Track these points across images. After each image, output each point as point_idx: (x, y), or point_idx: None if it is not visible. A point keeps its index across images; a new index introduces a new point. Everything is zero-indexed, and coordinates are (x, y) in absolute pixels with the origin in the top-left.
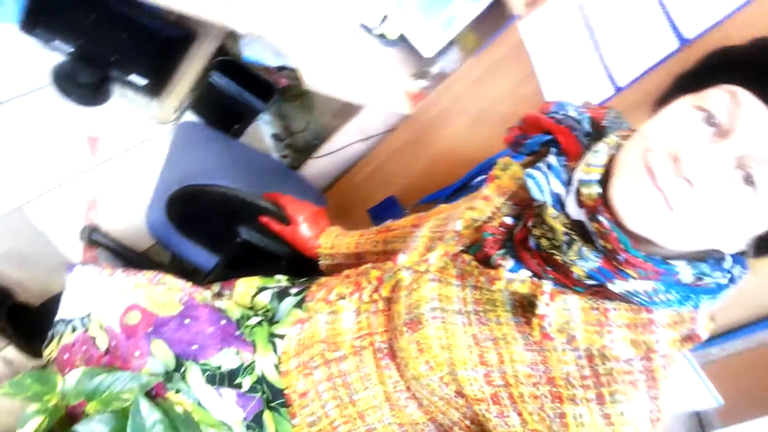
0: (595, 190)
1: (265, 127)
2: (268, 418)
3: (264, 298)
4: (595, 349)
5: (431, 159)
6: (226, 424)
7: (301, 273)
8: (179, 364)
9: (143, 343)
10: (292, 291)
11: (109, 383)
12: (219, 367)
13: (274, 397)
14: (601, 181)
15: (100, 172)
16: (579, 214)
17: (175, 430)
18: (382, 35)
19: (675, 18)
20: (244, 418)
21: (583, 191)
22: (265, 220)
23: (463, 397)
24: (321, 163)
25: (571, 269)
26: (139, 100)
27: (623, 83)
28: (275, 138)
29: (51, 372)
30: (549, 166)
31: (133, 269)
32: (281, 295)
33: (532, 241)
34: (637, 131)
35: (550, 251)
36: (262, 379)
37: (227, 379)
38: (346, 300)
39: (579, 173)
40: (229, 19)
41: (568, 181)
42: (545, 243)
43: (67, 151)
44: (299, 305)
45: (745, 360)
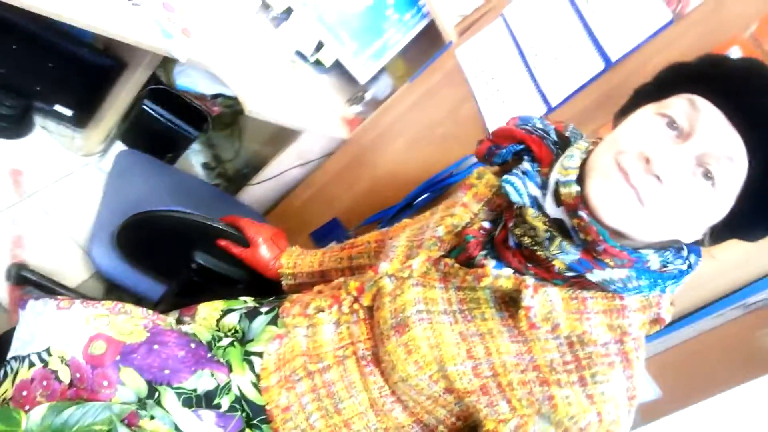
0: (574, 189)
1: (195, 156)
2: None
3: (232, 320)
4: (575, 336)
5: (372, 181)
6: None
7: (260, 295)
8: (152, 390)
9: (111, 372)
10: (263, 310)
11: (80, 416)
12: (195, 390)
13: (254, 414)
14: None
15: (25, 207)
16: (557, 212)
17: None
18: (318, 62)
19: (601, 41)
20: None
21: (563, 191)
22: (223, 243)
23: (451, 393)
24: (259, 190)
25: (552, 263)
26: (65, 132)
27: (555, 102)
28: (205, 167)
29: (12, 409)
30: (524, 172)
31: (90, 300)
32: (251, 315)
33: (513, 241)
34: (605, 138)
35: (533, 248)
36: (240, 398)
37: (204, 400)
38: (325, 312)
39: (556, 175)
40: (171, 48)
41: (542, 185)
42: (527, 240)
43: None
44: (273, 322)
45: (686, 350)
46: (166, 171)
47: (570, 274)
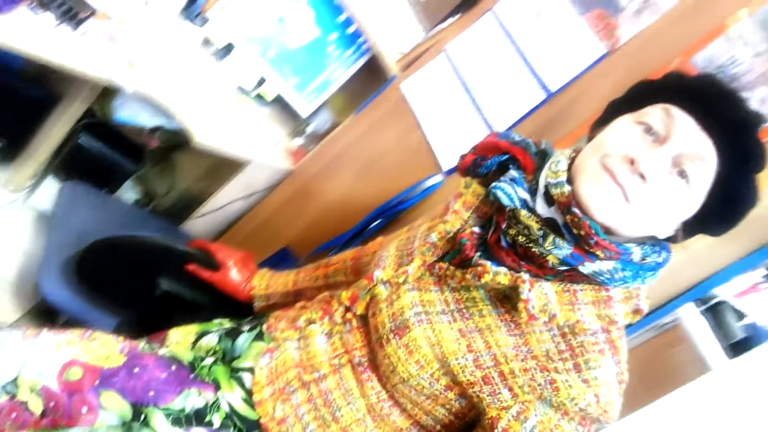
0: (566, 188)
1: (126, 192)
2: None
3: (210, 341)
4: (567, 326)
5: (321, 210)
6: None
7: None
8: (137, 413)
9: (90, 397)
10: (244, 328)
11: None
12: (183, 410)
13: (247, 429)
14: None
15: None
16: (549, 211)
17: None
18: (259, 96)
19: (539, 74)
20: None
21: (555, 191)
22: (192, 267)
23: (452, 390)
24: (202, 222)
25: (546, 258)
26: None
27: (500, 130)
28: (137, 203)
29: None
30: (513, 179)
31: (56, 328)
32: (232, 334)
33: (505, 241)
34: (587, 145)
35: (528, 245)
36: (231, 414)
37: (195, 419)
38: (316, 324)
39: (546, 179)
40: (117, 79)
41: (529, 190)
42: (522, 239)
43: None
44: (259, 338)
45: (650, 347)
46: (112, 203)
47: (563, 268)
